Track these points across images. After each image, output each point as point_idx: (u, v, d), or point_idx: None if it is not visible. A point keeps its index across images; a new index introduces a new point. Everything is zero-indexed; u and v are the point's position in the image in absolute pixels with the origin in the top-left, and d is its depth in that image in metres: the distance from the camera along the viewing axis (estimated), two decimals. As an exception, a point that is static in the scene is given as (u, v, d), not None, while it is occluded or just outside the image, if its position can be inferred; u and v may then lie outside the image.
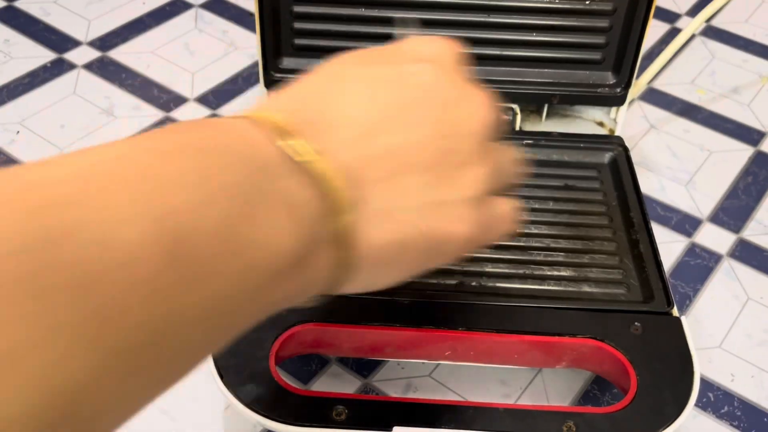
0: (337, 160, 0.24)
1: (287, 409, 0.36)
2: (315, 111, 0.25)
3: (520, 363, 0.42)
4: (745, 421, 0.44)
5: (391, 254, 0.26)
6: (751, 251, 0.53)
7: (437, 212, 0.27)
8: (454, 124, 0.27)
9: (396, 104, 0.26)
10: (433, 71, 0.28)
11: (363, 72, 0.27)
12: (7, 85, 0.63)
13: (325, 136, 0.24)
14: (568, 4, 0.50)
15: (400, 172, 0.26)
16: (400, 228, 0.26)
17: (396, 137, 0.26)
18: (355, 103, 0.26)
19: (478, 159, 0.28)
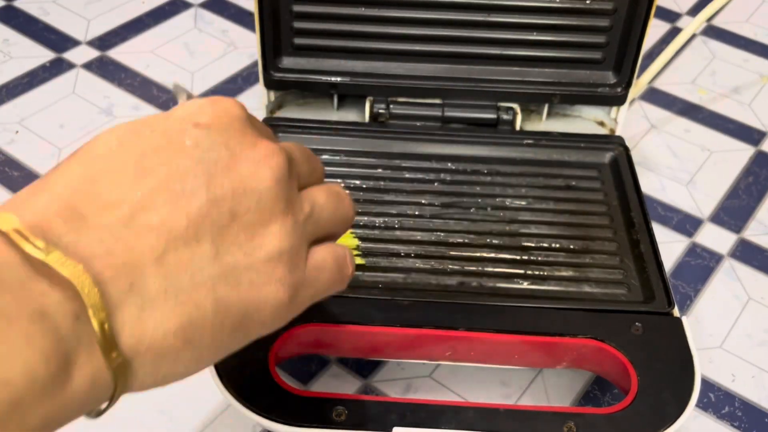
0: (92, 252, 0.22)
1: (287, 409, 0.36)
2: (72, 199, 0.23)
3: (521, 363, 0.42)
4: (745, 422, 0.44)
5: (175, 342, 0.23)
6: (751, 251, 0.53)
7: (231, 281, 0.24)
8: (235, 185, 0.25)
9: (166, 175, 0.24)
10: (205, 134, 0.25)
11: (133, 145, 0.25)
12: (7, 85, 0.63)
13: (81, 226, 0.22)
14: (569, 4, 0.50)
15: (174, 248, 0.23)
16: (182, 310, 0.23)
17: (165, 211, 0.23)
18: (119, 183, 0.24)
19: (275, 215, 0.26)
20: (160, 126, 0.26)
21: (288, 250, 0.26)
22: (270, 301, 0.25)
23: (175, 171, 0.24)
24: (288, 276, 0.26)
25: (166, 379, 0.24)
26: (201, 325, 0.24)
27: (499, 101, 0.52)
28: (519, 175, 0.50)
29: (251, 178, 0.25)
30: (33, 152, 0.58)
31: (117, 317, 0.22)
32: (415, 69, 0.52)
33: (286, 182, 0.26)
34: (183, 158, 0.24)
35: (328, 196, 0.29)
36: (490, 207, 0.48)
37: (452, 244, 0.45)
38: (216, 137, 0.26)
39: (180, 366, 0.24)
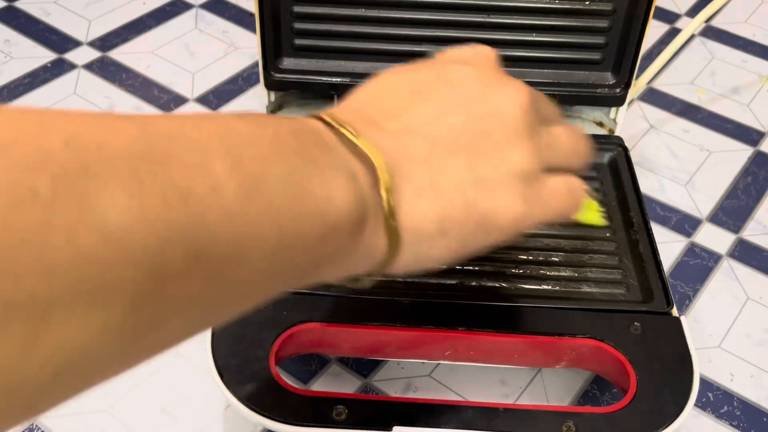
0: (382, 145, 0.27)
1: (287, 408, 0.36)
2: (366, 110, 0.29)
3: (520, 363, 0.42)
4: (744, 421, 0.44)
5: (433, 228, 0.28)
6: (750, 251, 0.53)
7: (479, 188, 0.29)
8: (489, 108, 0.30)
9: (434, 99, 0.30)
10: (468, 68, 0.31)
11: (406, 77, 0.31)
12: (8, 85, 0.63)
13: (374, 127, 0.28)
14: (568, 5, 0.50)
15: (439, 153, 0.28)
16: (441, 203, 0.28)
17: (433, 126, 0.29)
18: (397, 101, 0.30)
19: (520, 138, 0.30)
20: (430, 66, 0.32)
21: (528, 170, 0.30)
22: (508, 210, 0.29)
23: (443, 96, 0.30)
24: (526, 192, 0.30)
25: (420, 260, 0.29)
26: (452, 218, 0.28)
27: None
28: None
29: (502, 105, 0.30)
30: (34, 152, 0.58)
31: (397, 196, 0.27)
32: (414, 70, 0.52)
33: (530, 112, 0.30)
34: (449, 87, 0.30)
35: (566, 132, 0.33)
36: (489, 207, 0.48)
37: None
38: (475, 73, 0.31)
39: (433, 251, 0.29)
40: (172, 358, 0.45)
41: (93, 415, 0.43)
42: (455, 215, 0.28)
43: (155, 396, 0.44)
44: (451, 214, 0.28)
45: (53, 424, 0.42)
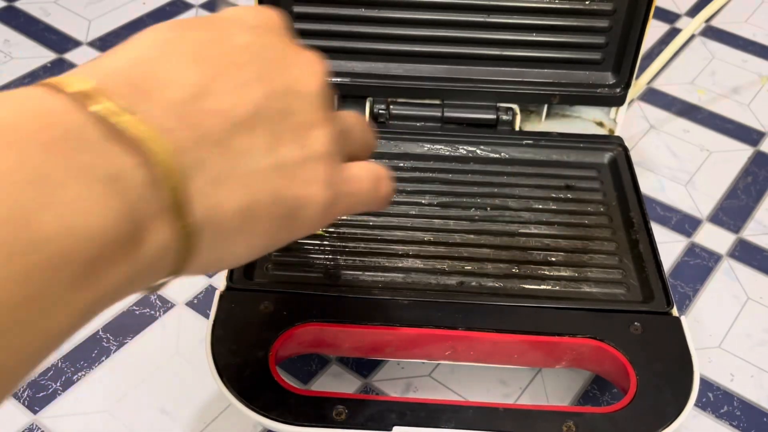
0: (161, 124, 0.22)
1: (287, 409, 0.36)
2: (132, 75, 0.22)
3: (520, 363, 0.42)
4: (744, 421, 0.44)
5: (237, 221, 0.24)
6: (750, 251, 0.53)
7: (284, 174, 0.25)
8: (286, 85, 0.26)
9: (223, 66, 0.24)
10: (259, 34, 0.26)
11: (186, 36, 0.25)
12: (8, 86, 0.63)
13: (145, 99, 0.22)
14: (568, 4, 0.50)
15: (236, 134, 0.24)
16: (246, 191, 0.24)
17: (227, 98, 0.24)
18: (178, 66, 0.23)
19: (319, 119, 0.27)
20: (210, 23, 0.26)
21: (331, 154, 0.27)
22: (315, 199, 0.26)
23: (233, 63, 0.25)
24: (331, 177, 0.27)
25: (221, 261, 0.25)
26: (257, 210, 0.25)
27: (498, 102, 0.52)
28: (518, 175, 0.50)
29: (302, 81, 0.26)
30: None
31: (187, 187, 0.22)
32: (414, 70, 0.52)
33: (328, 91, 0.27)
34: (239, 53, 0.25)
35: (355, 118, 0.31)
36: (489, 207, 0.48)
37: (452, 244, 0.45)
38: (266, 38, 0.27)
39: (235, 248, 0.25)
40: (172, 358, 0.45)
41: (93, 415, 0.43)
42: (261, 206, 0.25)
43: (155, 396, 0.44)
44: (254, 204, 0.24)
45: (53, 424, 0.42)
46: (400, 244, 0.45)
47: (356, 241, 0.45)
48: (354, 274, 0.43)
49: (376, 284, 0.43)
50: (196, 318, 0.48)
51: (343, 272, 0.43)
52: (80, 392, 0.44)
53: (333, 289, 0.42)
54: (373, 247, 0.45)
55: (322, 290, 0.41)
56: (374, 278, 0.43)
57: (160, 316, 0.48)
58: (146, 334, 0.47)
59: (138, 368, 0.45)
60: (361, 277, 0.43)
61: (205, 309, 0.48)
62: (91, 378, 0.44)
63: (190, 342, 0.46)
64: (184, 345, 0.46)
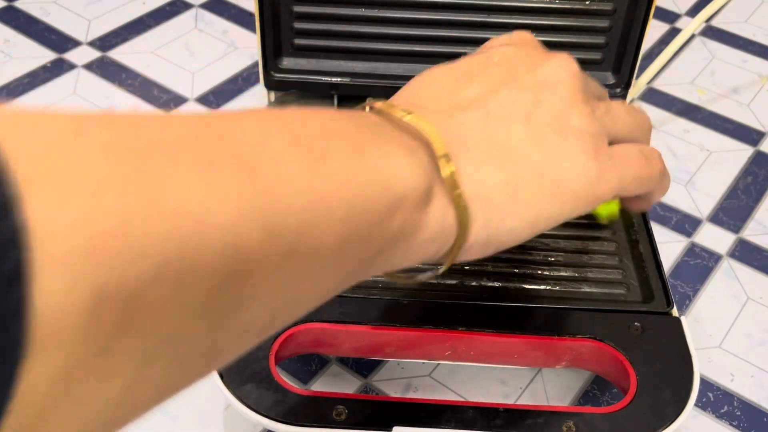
0: (431, 121, 0.27)
1: (287, 409, 0.36)
2: (409, 99, 0.29)
3: (520, 363, 0.42)
4: (744, 421, 0.44)
5: (502, 193, 0.27)
6: (750, 251, 0.53)
7: (545, 152, 0.28)
8: (539, 80, 0.30)
9: (480, 76, 0.30)
10: (512, 47, 0.31)
11: (450, 67, 0.31)
12: (7, 85, 0.63)
13: (421, 110, 0.27)
14: (568, 4, 0.50)
15: (494, 125, 0.28)
16: (506, 168, 0.28)
17: (484, 99, 0.29)
18: (443, 86, 0.30)
19: (576, 103, 0.30)
20: (472, 55, 0.32)
21: (590, 131, 0.29)
22: (580, 170, 0.29)
23: (490, 74, 0.30)
24: (594, 150, 0.29)
25: (494, 235, 0.28)
26: (521, 182, 0.28)
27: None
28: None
29: (552, 75, 0.30)
30: (34, 152, 0.58)
31: (457, 166, 0.26)
32: (415, 70, 0.52)
33: (581, 79, 0.31)
34: (494, 68, 0.30)
35: (622, 105, 0.33)
36: (489, 207, 0.48)
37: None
38: (518, 51, 0.31)
39: (506, 220, 0.28)
40: (172, 358, 0.45)
41: (93, 415, 0.43)
42: (523, 179, 0.28)
43: (155, 396, 0.44)
44: (518, 178, 0.28)
45: (53, 424, 0.42)
46: (400, 244, 0.45)
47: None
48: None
49: (376, 284, 0.43)
50: (196, 318, 0.48)
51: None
52: (80, 392, 0.44)
53: (333, 289, 0.42)
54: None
55: (322, 290, 0.41)
56: (374, 278, 0.43)
57: (160, 316, 0.48)
58: (146, 334, 0.47)
59: (138, 368, 0.45)
60: (361, 277, 0.43)
61: (205, 309, 0.48)
62: (91, 378, 0.44)
63: (190, 342, 0.46)
64: (184, 345, 0.46)
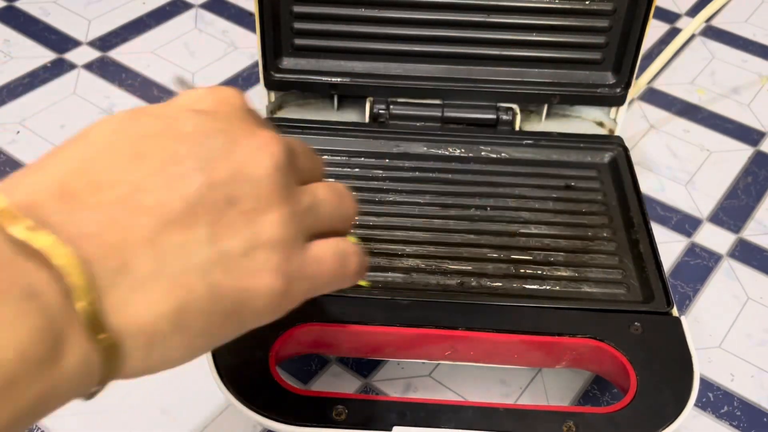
0: (82, 230, 0.22)
1: (287, 409, 0.36)
2: (66, 181, 0.23)
3: (520, 363, 0.42)
4: (744, 421, 0.44)
5: (167, 326, 0.23)
6: (750, 251, 0.53)
7: (226, 267, 0.24)
8: (233, 169, 0.25)
9: (161, 160, 0.24)
10: (204, 121, 0.25)
11: (131, 130, 0.24)
12: (7, 85, 0.63)
13: (72, 207, 0.22)
14: (568, 4, 0.50)
15: (168, 230, 0.23)
16: (177, 292, 0.23)
17: (161, 194, 0.23)
18: (114, 165, 0.23)
19: (273, 203, 0.25)
20: (160, 112, 0.25)
21: (284, 240, 0.25)
22: (264, 290, 0.25)
23: (173, 155, 0.24)
24: (283, 265, 0.25)
25: (158, 365, 0.24)
26: (194, 310, 0.23)
27: (498, 102, 0.52)
28: (518, 175, 0.50)
29: (250, 164, 0.25)
30: (34, 152, 0.58)
31: (107, 298, 0.21)
32: (414, 70, 0.52)
33: (285, 171, 0.26)
34: (181, 143, 0.24)
35: (328, 191, 0.29)
36: (489, 207, 0.48)
37: (452, 243, 0.45)
38: (215, 124, 0.25)
39: (172, 352, 0.24)
40: (172, 358, 0.45)
41: (93, 415, 0.43)
42: (197, 305, 0.23)
43: (155, 396, 0.44)
44: (189, 304, 0.23)
45: (53, 424, 0.42)
46: (400, 244, 0.45)
47: (356, 241, 0.45)
48: (363, 271, 0.43)
49: (376, 284, 0.43)
50: (196, 318, 0.48)
51: (343, 272, 0.43)
52: (80, 392, 0.44)
53: (333, 289, 0.42)
54: (373, 246, 0.45)
55: (322, 290, 0.41)
56: (374, 278, 0.43)
57: (160, 316, 0.48)
58: (146, 334, 0.47)
59: (138, 368, 0.45)
60: (361, 277, 0.43)
61: (205, 309, 0.48)
62: (91, 378, 0.44)
63: (190, 342, 0.46)
64: (184, 345, 0.46)
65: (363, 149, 0.51)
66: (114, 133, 0.24)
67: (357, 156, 0.51)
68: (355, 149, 0.51)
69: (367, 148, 0.51)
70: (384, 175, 0.50)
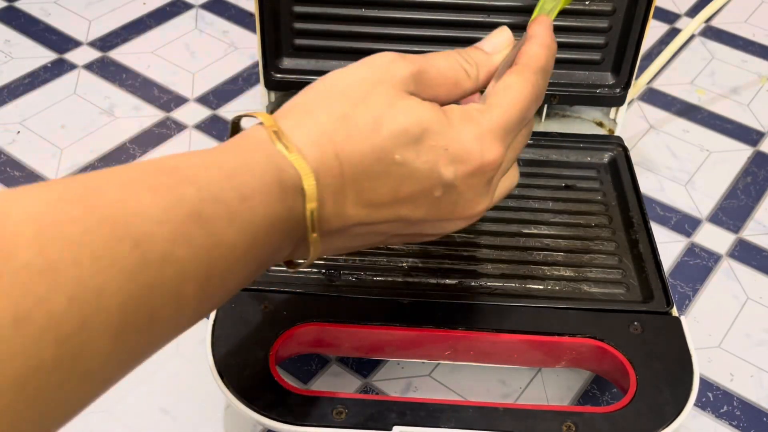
0: (317, 157, 0.28)
1: (287, 408, 0.36)
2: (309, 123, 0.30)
3: (520, 363, 0.42)
4: (744, 421, 0.44)
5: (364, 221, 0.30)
6: (750, 251, 0.53)
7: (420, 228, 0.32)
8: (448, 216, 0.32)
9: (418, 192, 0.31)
10: (460, 179, 0.31)
11: (402, 158, 0.30)
12: (8, 85, 0.63)
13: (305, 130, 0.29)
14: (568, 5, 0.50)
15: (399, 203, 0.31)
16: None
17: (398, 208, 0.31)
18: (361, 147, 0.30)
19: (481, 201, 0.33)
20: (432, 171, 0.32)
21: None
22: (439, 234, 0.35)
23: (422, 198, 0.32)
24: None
25: (345, 248, 0.32)
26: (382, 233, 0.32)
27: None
28: (518, 175, 0.50)
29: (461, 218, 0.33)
30: (34, 152, 0.58)
31: (323, 208, 0.29)
32: (414, 70, 0.52)
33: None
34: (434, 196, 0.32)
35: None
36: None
37: (452, 243, 0.45)
38: (465, 182, 0.32)
39: (357, 241, 0.32)
40: (172, 358, 0.45)
41: (93, 415, 0.43)
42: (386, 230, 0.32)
43: (155, 396, 0.44)
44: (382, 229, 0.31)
45: (53, 424, 0.42)
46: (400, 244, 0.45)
47: (356, 241, 0.45)
48: (354, 274, 0.43)
49: (376, 284, 0.43)
50: (197, 318, 0.48)
51: (343, 272, 0.43)
52: (80, 392, 0.44)
53: (333, 289, 0.42)
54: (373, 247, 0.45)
55: (322, 290, 0.41)
56: (374, 278, 0.43)
57: (161, 316, 0.48)
58: (146, 334, 0.47)
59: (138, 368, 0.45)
60: (361, 277, 0.43)
61: (205, 309, 0.48)
62: (92, 378, 0.44)
63: (190, 342, 0.46)
64: (184, 345, 0.46)
65: (363, 149, 0.51)
66: (393, 153, 0.31)
67: (357, 156, 0.51)
68: (355, 149, 0.51)
69: (367, 148, 0.51)
70: (384, 175, 0.50)
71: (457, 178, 0.31)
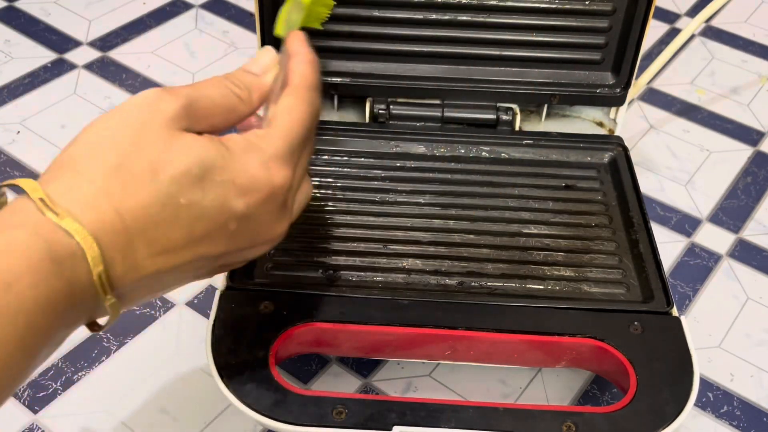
0: (96, 216, 0.27)
1: (287, 409, 0.36)
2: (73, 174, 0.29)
3: (520, 363, 0.42)
4: (744, 421, 0.44)
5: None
6: (750, 251, 0.53)
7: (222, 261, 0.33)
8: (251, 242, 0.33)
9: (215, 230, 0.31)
10: (251, 205, 0.31)
11: (188, 200, 0.29)
12: (8, 85, 0.63)
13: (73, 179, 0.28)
14: (568, 5, 0.50)
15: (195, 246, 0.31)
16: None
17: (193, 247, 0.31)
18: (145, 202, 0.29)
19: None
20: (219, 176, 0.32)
21: None
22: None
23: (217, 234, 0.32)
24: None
25: (152, 295, 0.32)
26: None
27: (498, 102, 0.52)
28: (518, 175, 0.50)
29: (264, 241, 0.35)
30: (34, 152, 0.58)
31: (112, 269, 0.28)
32: (414, 70, 0.52)
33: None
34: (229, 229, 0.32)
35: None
36: (489, 207, 0.48)
37: (452, 244, 0.45)
38: (258, 209, 0.33)
39: (163, 285, 0.31)
40: (172, 358, 0.45)
41: (93, 415, 0.43)
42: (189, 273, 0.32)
43: (155, 396, 0.44)
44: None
45: (54, 424, 0.42)
46: (400, 244, 0.45)
47: (356, 241, 0.45)
48: (354, 274, 0.43)
49: (376, 284, 0.43)
50: (196, 318, 0.48)
51: (343, 272, 0.43)
52: (80, 392, 0.44)
53: (333, 289, 0.42)
54: (373, 247, 0.45)
55: (322, 290, 0.41)
56: (374, 278, 0.43)
57: (161, 316, 0.48)
58: (146, 334, 0.47)
59: (138, 368, 0.45)
60: (361, 277, 0.43)
61: (205, 309, 0.48)
62: (91, 378, 0.44)
63: (190, 342, 0.46)
64: (184, 345, 0.46)
65: (363, 149, 0.51)
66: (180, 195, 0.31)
67: (357, 156, 0.51)
68: (355, 149, 0.51)
69: (367, 148, 0.51)
70: (384, 175, 0.50)
71: (249, 208, 0.30)
